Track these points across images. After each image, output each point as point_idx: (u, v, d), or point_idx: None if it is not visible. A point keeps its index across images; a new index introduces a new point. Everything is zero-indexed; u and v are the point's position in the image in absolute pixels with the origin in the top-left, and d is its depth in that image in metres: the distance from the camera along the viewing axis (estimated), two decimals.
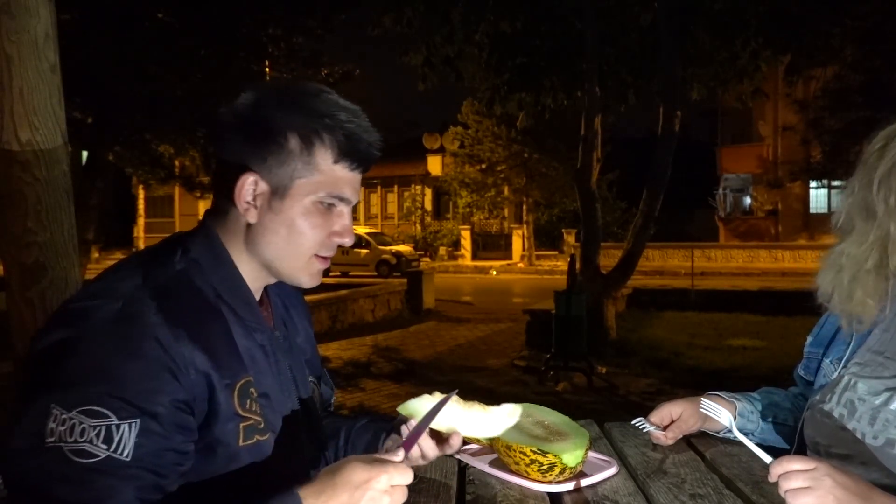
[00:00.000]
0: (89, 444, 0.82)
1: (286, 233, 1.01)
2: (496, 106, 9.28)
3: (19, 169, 1.67)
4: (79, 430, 0.82)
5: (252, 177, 0.99)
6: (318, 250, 1.04)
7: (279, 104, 1.00)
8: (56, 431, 0.82)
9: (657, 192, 8.06)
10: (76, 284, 1.77)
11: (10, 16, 1.66)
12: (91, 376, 0.85)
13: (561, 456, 1.14)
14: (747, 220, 27.09)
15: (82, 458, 0.81)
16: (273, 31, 9.41)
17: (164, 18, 8.17)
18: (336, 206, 1.03)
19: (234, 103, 1.02)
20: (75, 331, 0.88)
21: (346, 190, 1.03)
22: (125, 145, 9.12)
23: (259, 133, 0.99)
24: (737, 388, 1.52)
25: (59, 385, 0.84)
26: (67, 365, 0.86)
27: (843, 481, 0.96)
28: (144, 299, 0.92)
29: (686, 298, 11.70)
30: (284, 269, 1.05)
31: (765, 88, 10.16)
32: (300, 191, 1.00)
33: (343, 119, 1.00)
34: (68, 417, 0.82)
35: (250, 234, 1.02)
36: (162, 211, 33.41)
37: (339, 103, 1.02)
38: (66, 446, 0.81)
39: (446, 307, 12.83)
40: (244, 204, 1.00)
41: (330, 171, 1.01)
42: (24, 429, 0.84)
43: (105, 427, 0.82)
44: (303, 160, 0.99)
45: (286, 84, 1.07)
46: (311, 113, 1.00)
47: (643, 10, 7.88)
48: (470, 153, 24.53)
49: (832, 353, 1.33)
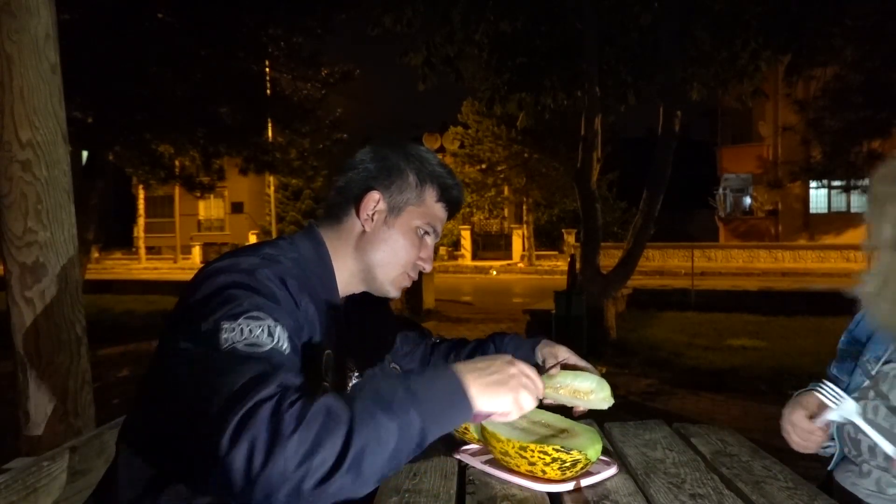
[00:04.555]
0: (257, 338, 0.98)
1: (392, 244, 1.28)
2: (496, 106, 9.26)
3: (19, 169, 1.67)
4: (247, 330, 0.98)
5: (377, 195, 1.27)
6: (409, 268, 1.31)
7: (404, 149, 1.32)
8: (228, 339, 0.97)
9: (657, 192, 8.05)
10: (76, 284, 1.78)
11: (10, 15, 1.66)
12: (247, 299, 1.03)
13: (586, 451, 1.17)
14: (747, 220, 27.08)
15: (253, 348, 0.96)
16: (273, 31, 9.42)
17: (164, 18, 8.18)
18: (428, 237, 1.32)
19: (369, 145, 1.34)
20: (224, 277, 1.07)
21: (438, 225, 1.33)
22: (125, 145, 9.12)
23: (389, 165, 1.29)
24: (737, 388, 1.52)
25: (221, 311, 1.00)
26: (224, 297, 1.03)
27: None
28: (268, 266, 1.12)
29: (686, 298, 11.70)
30: (380, 276, 1.29)
31: (765, 88, 10.15)
32: (409, 215, 1.29)
33: (445, 173, 1.33)
34: (236, 325, 0.98)
35: (362, 240, 1.28)
36: (162, 211, 33.39)
37: (443, 162, 1.35)
38: (238, 344, 0.96)
39: (446, 307, 12.83)
40: (365, 214, 1.27)
41: (432, 207, 1.31)
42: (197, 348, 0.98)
43: (267, 326, 1.00)
44: (416, 193, 1.29)
45: (402, 139, 1.38)
46: (426, 162, 1.32)
47: (643, 10, 7.86)
48: (470, 153, 24.51)
49: (870, 352, 1.32)
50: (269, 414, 0.86)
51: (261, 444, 0.84)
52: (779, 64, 9.22)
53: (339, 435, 0.87)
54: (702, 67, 8.61)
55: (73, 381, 1.74)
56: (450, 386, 0.98)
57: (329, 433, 0.87)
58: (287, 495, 0.85)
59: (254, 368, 0.93)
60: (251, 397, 0.88)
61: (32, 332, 1.69)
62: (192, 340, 1.00)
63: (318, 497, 0.86)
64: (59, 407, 1.71)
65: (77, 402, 1.75)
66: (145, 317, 11.25)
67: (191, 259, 30.16)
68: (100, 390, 2.20)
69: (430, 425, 0.94)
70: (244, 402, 0.88)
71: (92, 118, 8.14)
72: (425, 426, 0.93)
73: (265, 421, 0.86)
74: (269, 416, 0.86)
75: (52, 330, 1.71)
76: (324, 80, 11.51)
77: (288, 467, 0.84)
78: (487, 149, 23.99)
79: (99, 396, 1.96)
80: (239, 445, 0.84)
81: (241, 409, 0.87)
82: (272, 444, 0.84)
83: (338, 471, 0.86)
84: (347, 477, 0.86)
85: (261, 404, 0.87)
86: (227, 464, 0.85)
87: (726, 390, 5.71)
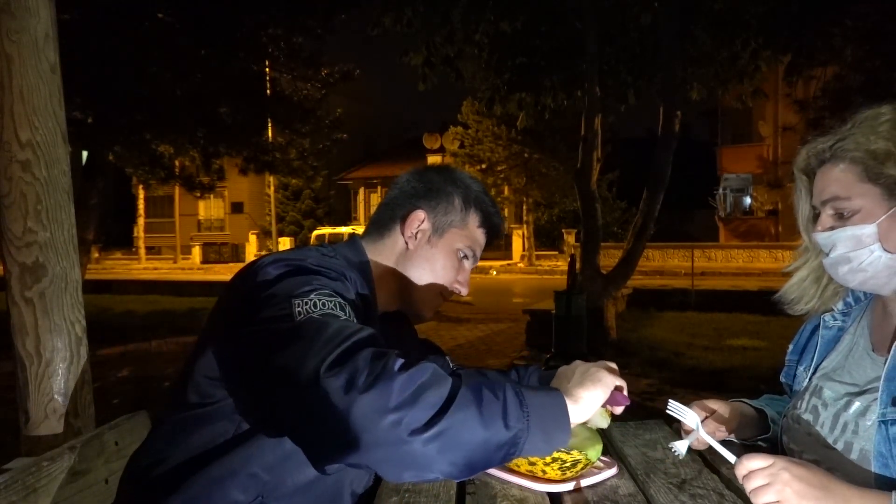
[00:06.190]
0: (331, 310, 0.98)
1: (433, 264, 1.30)
2: (496, 106, 9.27)
3: (19, 169, 1.67)
4: (321, 303, 0.98)
5: (423, 214, 1.30)
6: (444, 289, 1.32)
7: (451, 173, 1.36)
8: (302, 311, 0.96)
9: (657, 192, 8.05)
10: (76, 284, 1.77)
11: (10, 15, 1.66)
12: (315, 281, 1.04)
13: (586, 452, 1.16)
14: (747, 220, 27.08)
15: (328, 318, 0.96)
16: (273, 31, 9.41)
17: (164, 18, 8.17)
18: (466, 260, 1.34)
19: (420, 167, 1.40)
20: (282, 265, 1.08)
21: (478, 250, 1.35)
22: (125, 145, 9.12)
23: (436, 188, 1.32)
24: (737, 388, 1.53)
25: (291, 292, 1.00)
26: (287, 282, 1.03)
27: (799, 473, 0.98)
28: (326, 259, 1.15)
29: (686, 298, 11.69)
30: (417, 296, 1.31)
31: (765, 88, 10.14)
32: (452, 237, 1.31)
33: (488, 201, 1.36)
34: (308, 300, 0.98)
35: (404, 257, 1.30)
36: (162, 211, 33.41)
37: (485, 191, 1.37)
38: (314, 313, 0.96)
39: (446, 307, 12.80)
40: (410, 232, 1.30)
41: (474, 231, 1.34)
42: (269, 326, 0.97)
43: (337, 302, 1.01)
44: (460, 216, 1.32)
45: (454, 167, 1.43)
46: (471, 188, 1.35)
47: (643, 10, 7.86)
48: (470, 153, 24.50)
49: (804, 361, 1.36)
50: (370, 355, 0.85)
51: (364, 373, 0.83)
52: (779, 64, 9.21)
53: (443, 392, 0.85)
54: (702, 67, 8.61)
55: (73, 381, 1.73)
56: (555, 406, 0.97)
57: (434, 388, 0.85)
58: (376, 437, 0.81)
59: (340, 321, 0.93)
60: (349, 338, 0.87)
61: (32, 332, 1.68)
62: (259, 323, 0.98)
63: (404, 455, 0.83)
64: (59, 407, 1.71)
65: (77, 402, 1.74)
66: (145, 317, 11.26)
67: (191, 259, 30.17)
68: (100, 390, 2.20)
69: (527, 434, 0.91)
70: (342, 342, 0.87)
71: (92, 118, 8.14)
72: (520, 434, 0.90)
73: (367, 359, 0.84)
74: (372, 357, 0.85)
75: (52, 330, 1.70)
76: (324, 80, 11.50)
77: (388, 403, 0.81)
78: (487, 149, 23.98)
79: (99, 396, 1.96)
80: (340, 373, 0.83)
81: (340, 347, 0.86)
82: (377, 376, 0.83)
83: (431, 427, 0.82)
84: (432, 445, 0.83)
85: (361, 344, 0.87)
86: (324, 387, 0.83)
87: (726, 390, 5.76)
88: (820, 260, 1.27)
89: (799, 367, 1.38)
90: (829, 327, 1.33)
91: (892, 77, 8.09)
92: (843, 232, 1.16)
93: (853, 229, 1.15)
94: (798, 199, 1.30)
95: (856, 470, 1.12)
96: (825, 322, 1.34)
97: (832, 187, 1.18)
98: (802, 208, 1.29)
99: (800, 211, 1.30)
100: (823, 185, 1.20)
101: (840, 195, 1.16)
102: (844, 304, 1.33)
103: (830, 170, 1.19)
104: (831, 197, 1.18)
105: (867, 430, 1.12)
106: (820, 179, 1.21)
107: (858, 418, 1.14)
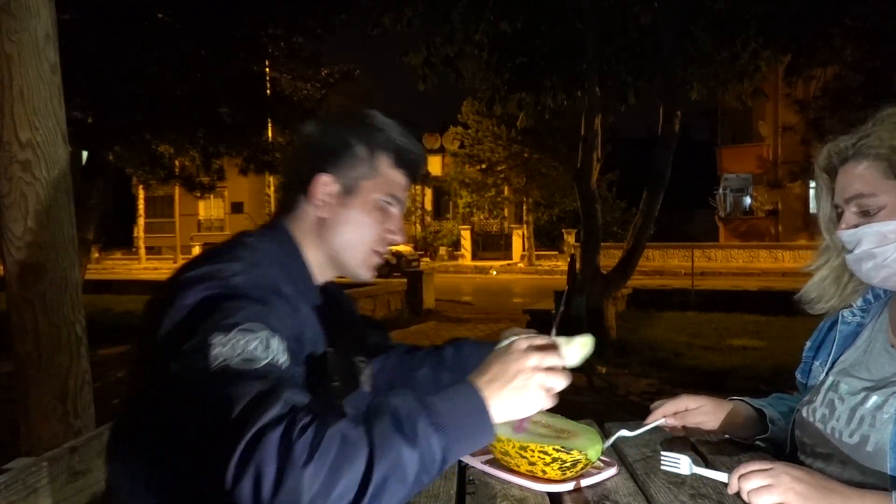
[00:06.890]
0: (251, 354, 0.89)
1: (353, 225, 1.19)
2: (496, 106, 9.27)
3: (19, 169, 1.67)
4: (241, 343, 0.89)
5: (326, 177, 1.18)
6: (377, 245, 1.22)
7: (348, 121, 1.23)
8: (220, 355, 0.88)
9: (657, 192, 8.05)
10: (76, 284, 1.77)
11: (10, 15, 1.66)
12: (239, 311, 0.94)
13: (586, 452, 1.16)
14: (747, 220, 27.07)
15: (247, 366, 0.88)
16: (273, 31, 9.41)
17: (164, 18, 8.17)
18: (391, 207, 1.22)
19: (310, 122, 1.24)
20: (206, 286, 0.98)
21: (400, 192, 1.23)
22: (125, 145, 9.11)
23: (333, 143, 1.20)
24: (737, 388, 1.53)
25: (212, 324, 0.92)
26: (210, 309, 0.94)
27: (800, 476, 1.00)
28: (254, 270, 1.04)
29: (686, 298, 11.69)
30: (348, 261, 1.21)
31: (765, 88, 10.15)
32: (365, 190, 1.19)
33: (397, 136, 1.22)
34: (227, 339, 0.89)
35: (322, 227, 1.19)
36: (162, 211, 33.37)
37: (393, 122, 1.23)
38: (232, 360, 0.88)
39: (446, 307, 12.82)
40: (318, 200, 1.18)
41: (389, 175, 1.21)
42: (184, 369, 0.90)
43: (261, 339, 0.91)
44: (367, 166, 1.19)
45: (351, 108, 1.30)
46: (373, 128, 1.21)
47: (643, 10, 7.87)
48: (470, 153, 24.50)
49: (821, 356, 1.36)
50: (277, 441, 0.79)
51: (269, 475, 0.77)
52: (779, 64, 9.21)
53: (359, 466, 0.80)
54: (702, 67, 8.60)
55: (73, 381, 1.73)
56: (474, 410, 0.91)
57: (347, 464, 0.79)
58: None
59: (252, 388, 0.85)
60: (253, 422, 0.80)
61: (32, 332, 1.69)
62: (177, 361, 0.91)
63: None
64: (59, 407, 1.71)
65: (77, 402, 1.75)
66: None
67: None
68: (100, 390, 2.20)
69: (452, 452, 0.88)
70: (246, 429, 0.80)
71: (92, 118, 8.13)
72: (447, 454, 0.87)
73: (273, 449, 0.78)
74: (278, 444, 0.78)
75: (52, 330, 1.71)
76: (324, 80, 11.50)
77: (301, 500, 0.77)
78: (487, 149, 23.98)
79: (99, 396, 1.96)
80: (245, 477, 0.78)
81: (244, 437, 0.79)
82: (282, 474, 0.77)
83: (362, 498, 0.79)
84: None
85: (266, 430, 0.80)
86: (235, 497, 0.78)
87: (726, 390, 5.76)
88: (840, 259, 1.27)
89: (815, 363, 1.37)
90: (847, 323, 1.33)
91: (892, 77, 8.08)
92: (869, 228, 1.16)
93: (878, 226, 1.15)
94: (819, 197, 1.29)
95: (870, 462, 1.12)
96: (843, 318, 1.34)
97: (856, 185, 1.18)
98: (824, 207, 1.29)
99: (821, 210, 1.30)
100: (847, 183, 1.20)
101: (864, 192, 1.17)
102: (864, 300, 1.33)
103: (854, 167, 1.19)
104: (855, 194, 1.18)
105: (884, 423, 1.13)
106: (843, 177, 1.21)
107: (876, 412, 1.15)
